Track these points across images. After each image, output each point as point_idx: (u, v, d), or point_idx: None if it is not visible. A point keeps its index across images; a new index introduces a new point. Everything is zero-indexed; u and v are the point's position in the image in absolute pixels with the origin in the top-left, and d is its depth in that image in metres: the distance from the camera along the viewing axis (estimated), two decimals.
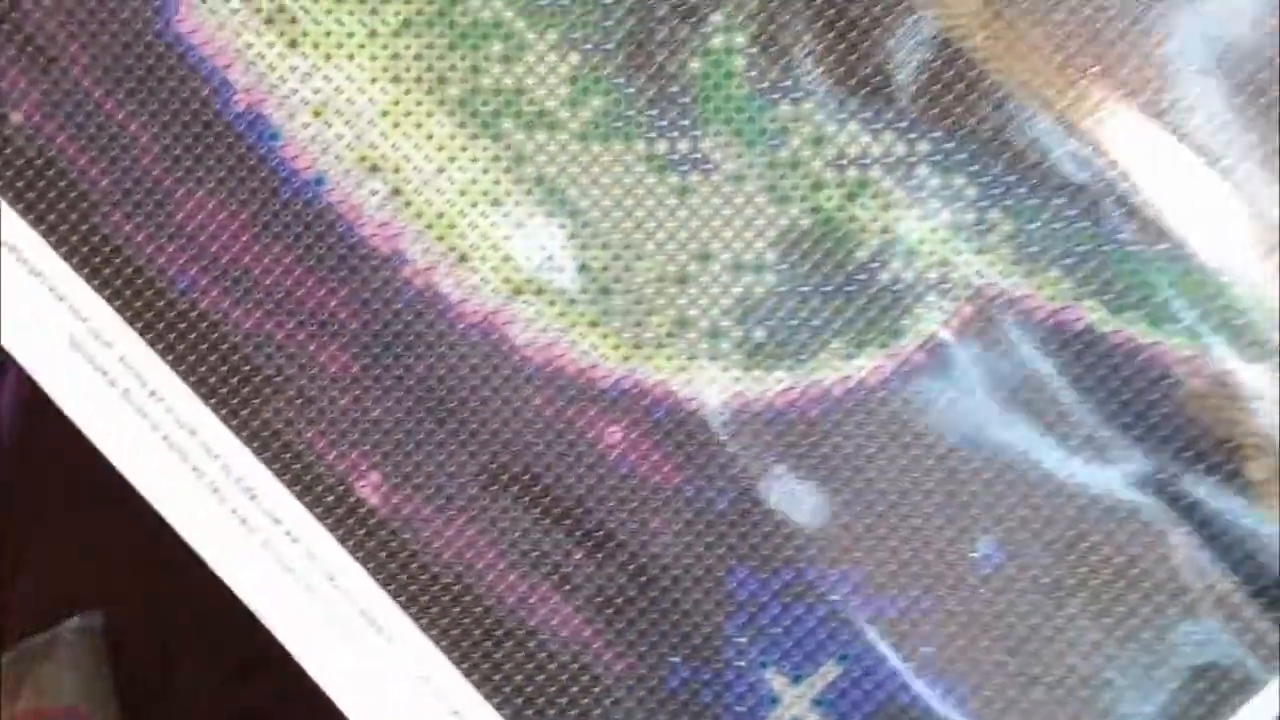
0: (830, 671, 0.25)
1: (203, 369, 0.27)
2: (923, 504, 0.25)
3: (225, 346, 0.27)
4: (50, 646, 0.38)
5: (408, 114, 0.26)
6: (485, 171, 0.26)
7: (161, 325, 0.27)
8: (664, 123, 0.26)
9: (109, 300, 0.27)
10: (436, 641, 0.26)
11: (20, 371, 0.28)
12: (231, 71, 0.26)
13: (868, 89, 0.25)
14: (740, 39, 0.25)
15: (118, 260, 0.27)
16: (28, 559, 0.39)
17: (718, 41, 0.25)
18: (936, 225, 0.25)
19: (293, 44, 0.26)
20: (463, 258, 0.26)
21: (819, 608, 0.25)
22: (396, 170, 0.26)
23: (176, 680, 0.36)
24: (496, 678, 0.26)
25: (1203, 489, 0.24)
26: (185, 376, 0.27)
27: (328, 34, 0.26)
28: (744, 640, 0.25)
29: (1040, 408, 0.25)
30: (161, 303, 0.27)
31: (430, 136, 0.26)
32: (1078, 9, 0.24)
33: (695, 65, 0.25)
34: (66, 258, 0.27)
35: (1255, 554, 0.24)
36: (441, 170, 0.26)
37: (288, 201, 0.26)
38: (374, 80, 0.26)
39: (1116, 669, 0.25)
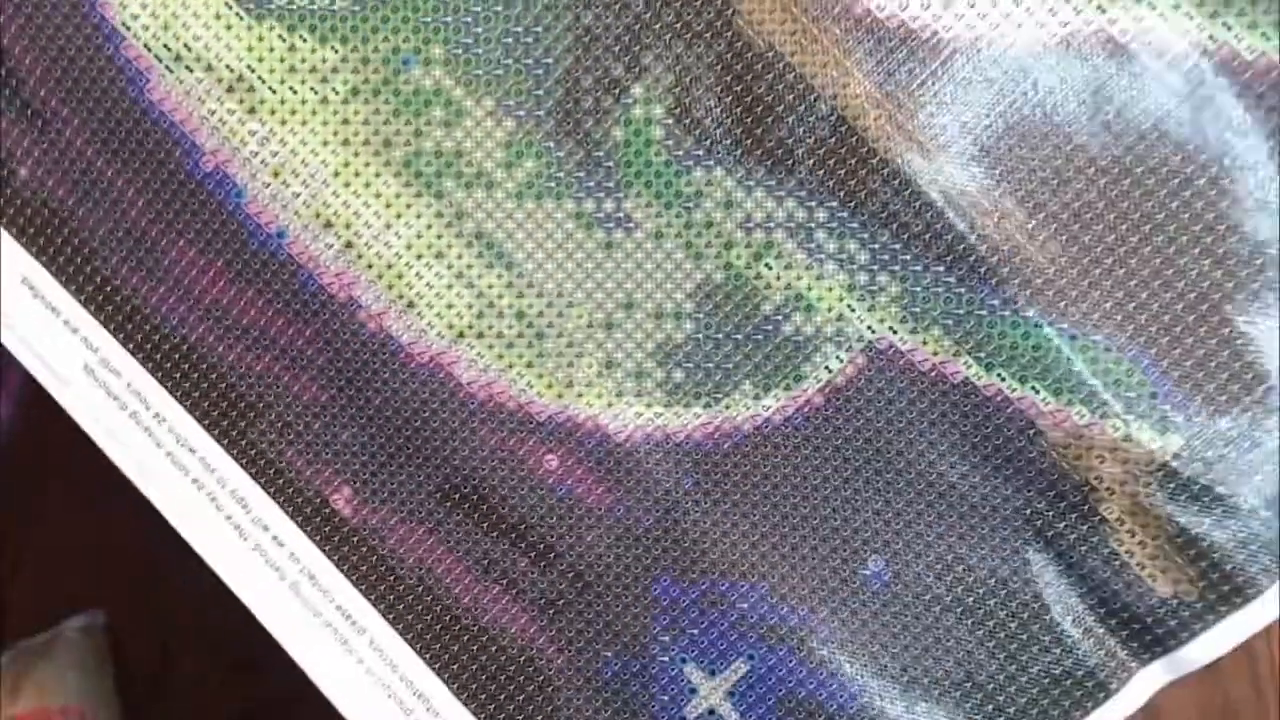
0: (740, 668, 0.30)
1: (196, 395, 0.31)
2: (820, 527, 0.30)
3: (214, 376, 0.31)
4: (52, 645, 0.39)
5: (357, 174, 0.30)
6: (429, 227, 0.30)
7: (159, 356, 0.31)
8: (590, 184, 0.29)
9: (114, 334, 0.31)
10: (403, 635, 0.31)
11: (20, 374, 0.32)
12: (198, 135, 0.30)
13: (771, 160, 0.28)
14: (658, 110, 0.29)
15: (117, 299, 0.31)
16: (27, 559, 0.41)
17: (638, 112, 0.29)
18: (833, 284, 0.29)
19: (251, 111, 0.30)
20: (410, 305, 0.30)
21: (731, 613, 0.30)
22: (348, 226, 0.30)
23: (176, 680, 0.38)
24: (455, 667, 0.31)
25: (1063, 523, 0.29)
26: (182, 401, 0.31)
27: (283, 102, 0.30)
28: (667, 639, 0.30)
29: (921, 447, 0.29)
30: (157, 336, 0.31)
31: (378, 195, 0.30)
32: (959, 94, 0.27)
33: (618, 133, 0.29)
34: (75, 295, 0.31)
35: (1108, 581, 0.29)
36: (389, 226, 0.30)
37: (255, 252, 0.30)
38: (325, 143, 0.30)
39: (986, 674, 0.29)
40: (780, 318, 0.29)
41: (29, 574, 0.41)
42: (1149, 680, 0.29)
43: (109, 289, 0.31)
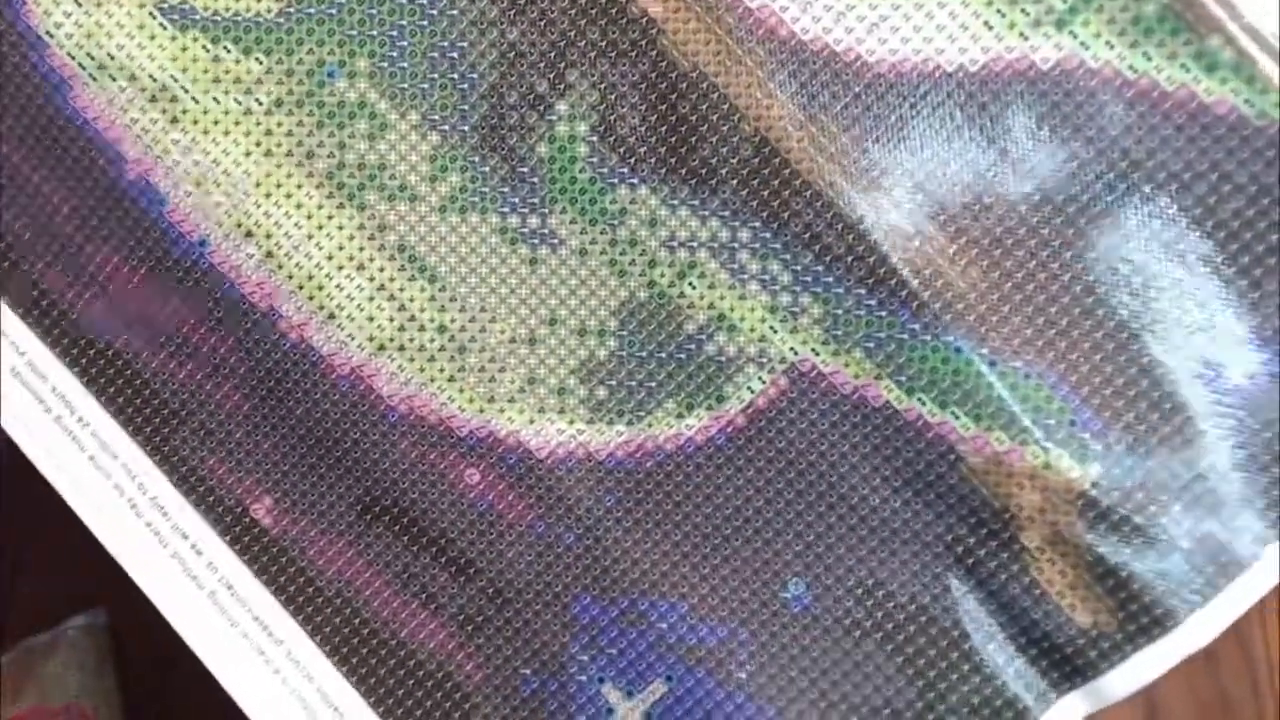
0: (658, 689, 0.31)
1: (120, 400, 0.32)
2: (741, 548, 0.30)
3: (138, 382, 0.32)
4: (54, 644, 0.40)
5: (279, 185, 0.30)
6: (350, 238, 0.30)
7: (85, 361, 0.32)
8: (515, 199, 0.30)
9: (41, 338, 0.32)
10: (320, 646, 0.32)
11: None
12: (122, 144, 0.31)
13: (696, 179, 0.29)
14: (583, 127, 0.29)
15: (45, 303, 0.32)
16: (29, 558, 0.42)
17: (562, 129, 0.29)
18: (755, 305, 0.29)
19: (174, 120, 0.30)
20: (331, 316, 0.31)
21: (650, 633, 0.31)
22: (269, 236, 0.30)
23: (176, 679, 0.39)
24: (372, 680, 0.32)
25: (983, 550, 0.29)
26: (106, 406, 0.32)
27: (205, 112, 0.30)
28: (586, 658, 0.31)
29: (843, 470, 0.30)
30: (83, 341, 0.32)
31: (299, 206, 0.30)
32: (883, 118, 0.28)
33: (543, 149, 0.30)
34: (3, 299, 0.32)
35: (1028, 610, 0.29)
36: (310, 236, 0.30)
37: (178, 260, 0.31)
38: (248, 154, 0.30)
39: (904, 701, 0.30)
40: (703, 337, 0.30)
41: (31, 573, 0.42)
42: (1069, 711, 0.29)
43: (36, 293, 0.32)
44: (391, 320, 0.31)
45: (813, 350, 0.29)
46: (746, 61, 0.28)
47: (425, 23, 0.30)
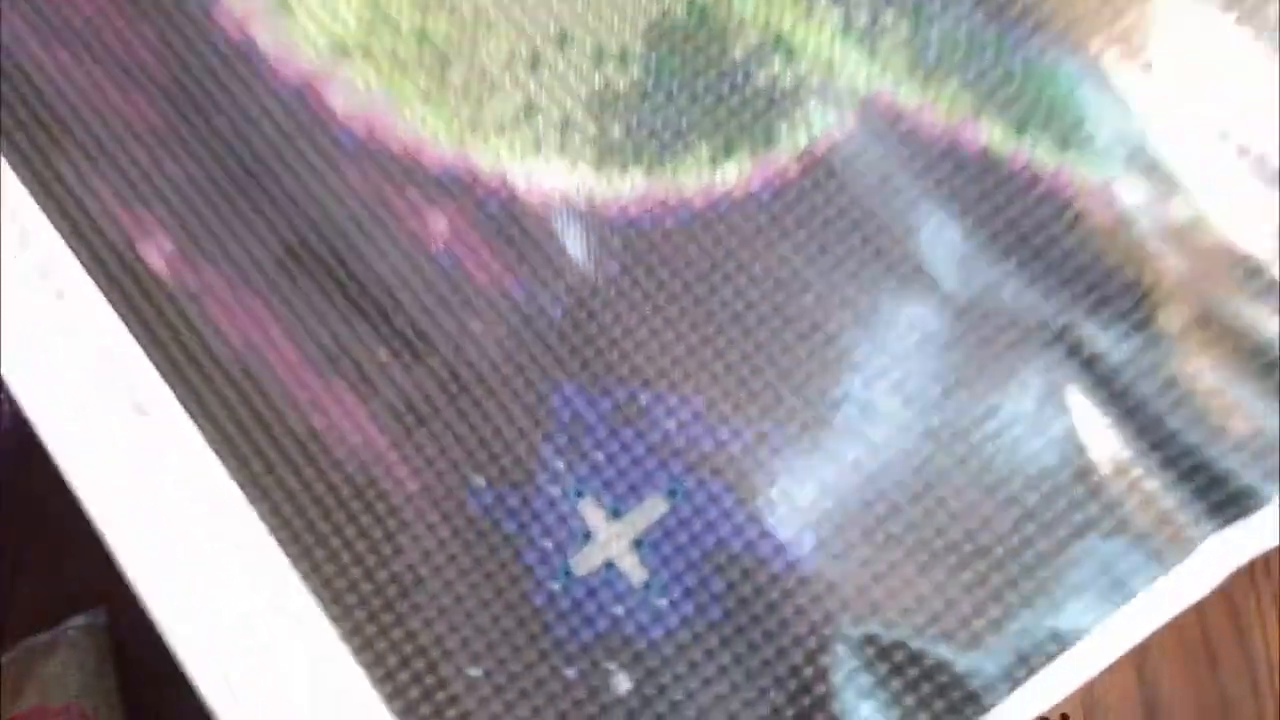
0: (656, 508, 0.22)
1: None
2: (782, 332, 0.23)
3: (25, 86, 0.25)
4: (54, 644, 0.40)
5: None
6: None
7: None
8: None
9: None
10: (204, 430, 0.23)
11: None
12: None
13: None
14: None
15: None
16: (30, 559, 0.42)
17: None
18: (823, 23, 0.23)
19: None
20: (285, 8, 0.24)
21: (652, 434, 0.22)
22: None
23: (177, 678, 0.35)
24: (267, 479, 0.23)
25: (1106, 339, 0.22)
26: None
27: None
28: (561, 464, 0.23)
29: (924, 237, 0.22)
30: None
31: None
32: None
33: None
34: None
35: (1164, 417, 0.22)
36: None
37: None
38: None
39: (993, 535, 0.22)
40: (753, 64, 0.23)
41: (31, 573, 0.42)
42: (1217, 554, 0.21)
43: None
44: (360, 19, 0.24)
45: (894, 81, 0.23)
46: None
47: None
